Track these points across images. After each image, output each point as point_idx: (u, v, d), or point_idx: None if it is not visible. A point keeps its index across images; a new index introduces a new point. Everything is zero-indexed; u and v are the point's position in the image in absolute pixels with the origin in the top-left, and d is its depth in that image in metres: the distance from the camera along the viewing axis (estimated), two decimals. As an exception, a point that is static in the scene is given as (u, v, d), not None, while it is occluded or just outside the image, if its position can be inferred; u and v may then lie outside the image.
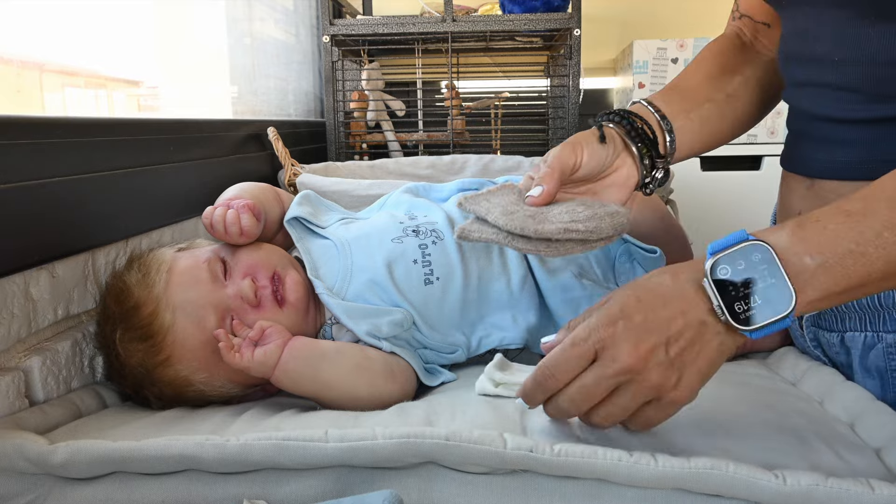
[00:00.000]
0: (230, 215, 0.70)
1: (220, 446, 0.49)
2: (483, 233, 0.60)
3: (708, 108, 0.73)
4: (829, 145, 0.64)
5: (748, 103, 0.76)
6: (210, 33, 1.34)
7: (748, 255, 0.48)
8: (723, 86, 0.75)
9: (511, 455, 0.48)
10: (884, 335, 0.62)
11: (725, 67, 0.76)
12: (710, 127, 0.74)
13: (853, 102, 0.61)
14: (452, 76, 1.54)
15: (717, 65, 0.76)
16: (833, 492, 0.45)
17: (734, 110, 0.75)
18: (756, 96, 0.77)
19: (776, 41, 0.76)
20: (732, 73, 0.76)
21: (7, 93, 0.88)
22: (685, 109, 0.72)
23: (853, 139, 0.61)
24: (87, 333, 0.69)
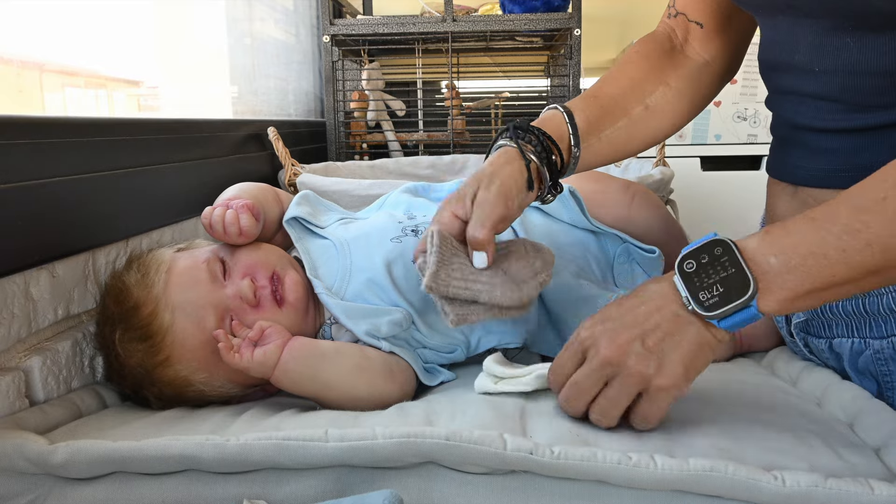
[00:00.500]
0: (229, 215, 0.70)
1: (220, 446, 0.49)
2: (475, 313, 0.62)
3: (621, 127, 0.72)
4: (812, 153, 0.64)
5: (664, 118, 0.75)
6: (210, 33, 1.34)
7: (711, 249, 0.52)
8: (643, 96, 0.73)
9: (511, 456, 0.48)
10: (871, 341, 0.62)
11: (650, 74, 0.74)
12: (614, 147, 0.73)
13: (833, 112, 0.61)
14: (452, 76, 1.54)
15: (643, 70, 0.74)
16: (832, 492, 0.45)
17: (647, 127, 0.74)
18: (675, 109, 0.75)
19: (709, 44, 0.75)
20: (656, 81, 0.74)
21: (7, 93, 0.88)
22: (599, 128, 0.70)
23: (834, 148, 0.61)
24: (88, 333, 0.69)
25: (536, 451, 0.48)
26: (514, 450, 0.48)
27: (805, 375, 0.68)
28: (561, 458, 0.48)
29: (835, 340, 0.65)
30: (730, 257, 0.51)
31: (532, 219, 0.82)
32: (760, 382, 0.69)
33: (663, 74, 0.74)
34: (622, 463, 0.47)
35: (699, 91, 0.76)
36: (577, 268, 0.77)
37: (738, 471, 0.46)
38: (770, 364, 0.75)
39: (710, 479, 0.46)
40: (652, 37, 0.78)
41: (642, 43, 0.77)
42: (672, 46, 0.76)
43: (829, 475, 0.46)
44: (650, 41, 0.77)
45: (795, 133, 0.66)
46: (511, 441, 0.48)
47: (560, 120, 0.68)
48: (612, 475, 0.47)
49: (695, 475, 0.46)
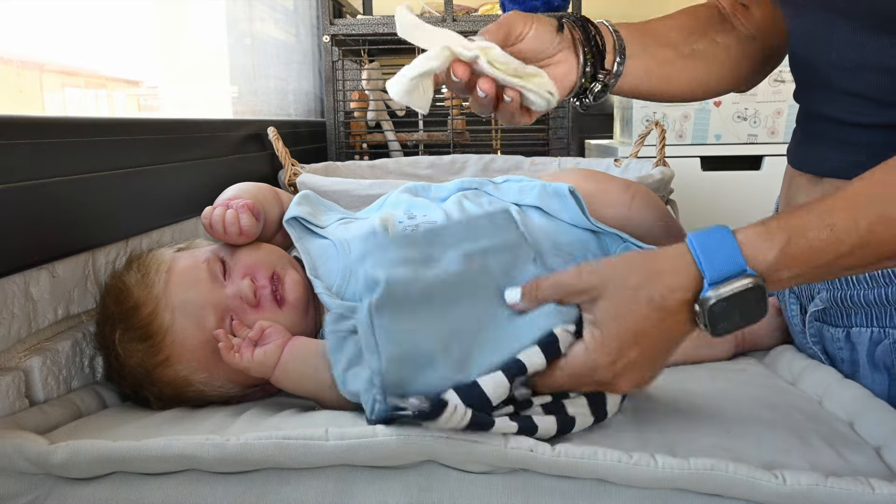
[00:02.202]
0: (229, 215, 0.70)
1: (220, 446, 0.49)
2: None
3: (667, 53, 0.71)
4: (841, 146, 0.64)
5: (710, 70, 0.74)
6: (210, 33, 1.34)
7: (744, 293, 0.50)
8: (690, 41, 0.72)
9: (511, 454, 0.48)
10: (890, 331, 0.62)
11: (696, 27, 0.73)
12: (664, 70, 0.71)
13: (866, 108, 0.61)
14: (452, 76, 1.54)
15: (689, 22, 0.74)
16: (833, 491, 0.45)
17: (695, 69, 0.73)
18: (723, 65, 0.74)
19: (754, 23, 0.74)
20: (703, 33, 0.73)
21: (7, 93, 0.88)
22: (644, 44, 0.70)
23: (865, 142, 0.62)
24: (88, 333, 0.69)
25: (537, 448, 0.48)
26: (515, 447, 0.48)
27: (806, 374, 0.68)
28: (561, 456, 0.48)
29: (853, 330, 0.65)
30: (758, 296, 0.50)
31: (532, 218, 0.81)
32: (761, 381, 0.69)
33: (711, 31, 0.74)
34: (622, 461, 0.47)
35: (747, 60, 0.75)
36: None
37: (738, 469, 0.46)
38: (771, 363, 0.75)
39: (710, 477, 0.46)
40: (702, 5, 0.77)
41: (691, 7, 0.76)
42: (720, 13, 0.75)
43: (829, 474, 0.46)
44: (698, 7, 0.76)
45: (825, 126, 0.66)
46: (512, 439, 0.48)
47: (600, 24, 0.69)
48: (612, 473, 0.47)
49: (695, 474, 0.46)
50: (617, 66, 0.68)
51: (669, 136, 1.78)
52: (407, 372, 0.51)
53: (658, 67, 0.71)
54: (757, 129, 1.95)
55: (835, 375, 0.65)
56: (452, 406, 0.47)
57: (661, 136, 1.21)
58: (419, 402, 0.47)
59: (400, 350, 0.52)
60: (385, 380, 0.50)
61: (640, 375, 0.54)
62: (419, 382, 0.51)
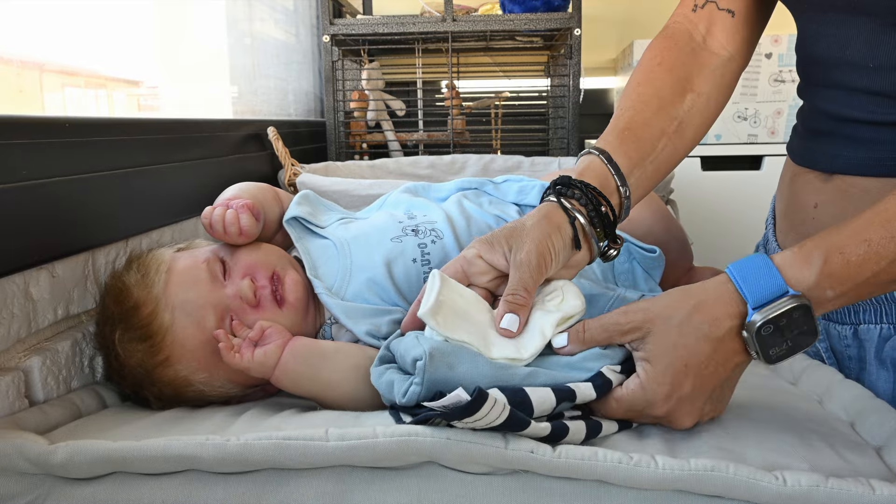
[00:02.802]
0: (229, 215, 0.70)
1: (220, 446, 0.49)
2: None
3: (661, 149, 0.69)
4: (855, 143, 0.64)
5: (698, 126, 0.72)
6: (210, 33, 1.34)
7: (791, 314, 0.51)
8: (675, 111, 0.70)
9: (511, 455, 0.48)
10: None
11: (677, 86, 0.71)
12: (660, 170, 0.70)
13: (884, 106, 0.61)
14: (452, 76, 1.54)
15: (669, 84, 0.71)
16: (833, 492, 0.45)
17: (683, 139, 0.71)
18: (705, 115, 0.73)
19: (735, 35, 0.73)
20: (684, 91, 0.71)
21: (7, 93, 0.88)
22: (641, 157, 0.67)
23: (881, 139, 0.62)
24: (87, 333, 0.69)
25: (537, 449, 0.48)
26: (515, 448, 0.48)
27: (807, 375, 0.68)
28: (562, 457, 0.48)
29: (861, 327, 0.66)
30: (805, 317, 0.51)
31: (532, 218, 0.81)
32: (762, 382, 0.69)
33: (689, 82, 0.71)
34: (623, 462, 0.47)
35: (724, 90, 0.74)
36: (578, 267, 0.77)
37: (739, 470, 0.46)
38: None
39: (711, 478, 0.46)
40: (670, 39, 0.74)
41: (661, 50, 0.73)
42: (693, 45, 0.73)
43: (830, 475, 0.46)
44: (669, 45, 0.73)
45: (837, 124, 0.66)
46: (512, 440, 0.48)
47: (599, 165, 0.65)
48: (612, 474, 0.47)
49: (696, 475, 0.46)
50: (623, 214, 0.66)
51: (669, 136, 1.77)
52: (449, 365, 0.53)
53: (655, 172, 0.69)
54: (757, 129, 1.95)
55: (835, 376, 0.65)
56: (493, 399, 0.47)
57: (662, 137, 1.20)
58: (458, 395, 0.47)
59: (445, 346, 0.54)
60: (427, 364, 0.52)
61: (700, 410, 0.54)
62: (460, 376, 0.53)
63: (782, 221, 0.77)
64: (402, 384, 0.54)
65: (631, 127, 0.68)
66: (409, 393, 0.53)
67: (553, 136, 1.64)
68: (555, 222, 0.59)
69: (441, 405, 0.47)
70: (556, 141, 1.61)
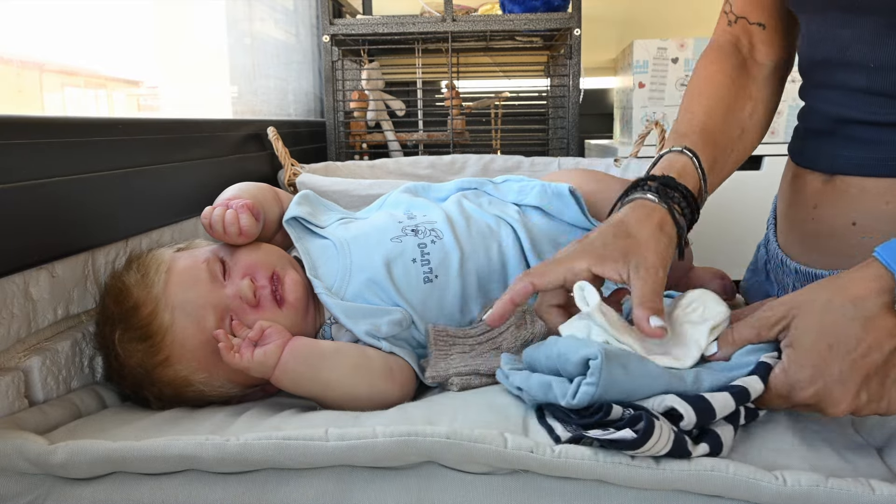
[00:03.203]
0: (229, 215, 0.70)
1: (220, 446, 0.49)
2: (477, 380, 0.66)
3: (730, 154, 0.71)
4: (855, 143, 0.65)
5: (758, 132, 0.74)
6: (210, 33, 1.34)
7: None
8: (740, 120, 0.72)
9: (511, 455, 0.48)
10: None
11: (739, 93, 0.73)
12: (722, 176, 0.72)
13: (885, 106, 0.61)
14: (452, 76, 1.54)
15: (731, 92, 0.73)
16: (833, 492, 0.45)
17: (744, 148, 0.73)
18: (762, 122, 0.75)
19: (772, 45, 0.75)
20: (745, 98, 0.73)
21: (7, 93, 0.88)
22: (716, 162, 0.69)
23: (882, 139, 0.62)
24: (87, 333, 0.69)
25: (537, 449, 0.48)
26: (515, 448, 0.48)
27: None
28: (561, 457, 0.47)
29: None
30: None
31: (533, 218, 0.82)
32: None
33: (746, 90, 0.73)
34: (623, 462, 0.47)
35: (774, 97, 0.76)
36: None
37: (739, 470, 0.46)
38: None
39: (711, 478, 0.46)
40: (719, 51, 0.76)
41: (717, 58, 0.75)
42: (742, 57, 0.75)
43: (830, 475, 0.46)
44: (721, 56, 0.75)
45: (838, 125, 0.66)
46: (511, 439, 0.48)
47: (692, 169, 0.65)
48: (612, 475, 0.47)
49: (696, 475, 0.46)
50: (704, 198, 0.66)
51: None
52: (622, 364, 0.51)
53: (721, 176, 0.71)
54: (757, 129, 1.95)
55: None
56: (659, 430, 0.46)
57: (661, 136, 1.21)
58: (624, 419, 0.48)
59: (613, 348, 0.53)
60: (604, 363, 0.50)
61: (854, 395, 0.49)
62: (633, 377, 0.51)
63: (783, 221, 0.77)
64: (566, 385, 0.52)
65: (708, 130, 0.69)
66: (581, 394, 0.50)
67: (553, 136, 1.63)
68: (668, 233, 0.59)
69: (607, 439, 0.47)
70: (555, 141, 1.61)
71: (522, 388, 0.57)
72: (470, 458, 0.48)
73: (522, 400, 0.59)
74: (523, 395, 0.57)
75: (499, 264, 0.76)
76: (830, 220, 0.68)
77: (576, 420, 0.51)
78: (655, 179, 0.62)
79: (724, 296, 0.86)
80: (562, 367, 0.54)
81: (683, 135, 0.68)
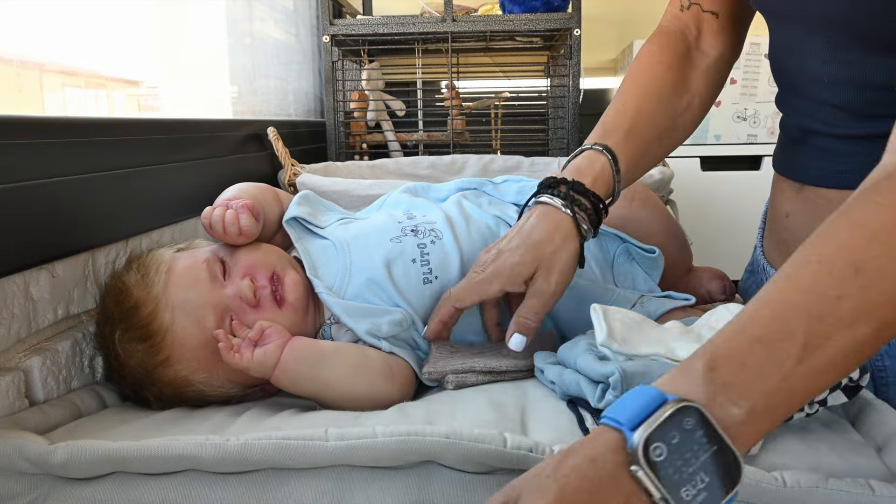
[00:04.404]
0: (229, 215, 0.70)
1: (220, 446, 0.49)
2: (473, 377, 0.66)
3: (654, 151, 0.71)
4: (821, 154, 0.65)
5: (688, 126, 0.74)
6: (210, 33, 1.34)
7: (680, 423, 0.38)
8: (673, 110, 0.72)
9: (511, 454, 0.48)
10: None
11: (677, 86, 0.72)
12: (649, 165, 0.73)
13: (843, 119, 0.61)
14: (452, 76, 1.54)
15: (669, 83, 0.72)
16: (833, 493, 0.45)
17: (673, 141, 0.73)
18: (696, 115, 0.74)
19: (721, 36, 0.74)
20: (683, 91, 0.72)
21: (7, 93, 0.88)
22: (637, 160, 0.69)
23: (843, 151, 0.62)
24: (87, 333, 0.69)
25: (536, 449, 0.48)
26: (515, 448, 0.48)
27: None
28: (561, 458, 0.47)
29: None
30: (706, 431, 0.38)
31: (532, 219, 0.81)
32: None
33: (687, 81, 0.73)
34: (622, 463, 0.47)
35: (715, 89, 0.76)
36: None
37: (738, 470, 0.46)
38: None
39: (710, 478, 0.46)
40: (666, 38, 0.75)
41: (659, 47, 0.74)
42: (688, 45, 0.74)
43: (829, 475, 0.46)
44: (666, 42, 0.74)
45: (805, 134, 0.66)
46: (511, 439, 0.48)
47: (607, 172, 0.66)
48: (612, 475, 0.47)
49: (695, 475, 0.46)
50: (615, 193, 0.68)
51: (669, 136, 1.77)
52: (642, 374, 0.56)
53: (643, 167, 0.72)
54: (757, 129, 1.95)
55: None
56: None
57: (661, 137, 1.21)
58: None
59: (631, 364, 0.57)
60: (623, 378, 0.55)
61: None
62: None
63: (767, 227, 0.78)
64: (594, 388, 0.56)
65: (636, 126, 0.70)
66: (608, 402, 0.55)
67: (553, 136, 1.63)
68: (572, 246, 0.63)
69: None
70: (555, 141, 1.61)
71: (555, 382, 0.61)
72: (470, 458, 0.48)
73: (522, 399, 0.59)
74: (555, 388, 0.61)
75: (499, 264, 0.75)
76: (800, 230, 0.68)
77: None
78: (566, 184, 0.65)
79: (723, 296, 0.87)
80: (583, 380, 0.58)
81: (609, 130, 0.69)
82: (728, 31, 0.75)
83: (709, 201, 1.98)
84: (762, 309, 0.41)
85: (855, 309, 0.39)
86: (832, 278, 0.40)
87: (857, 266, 0.40)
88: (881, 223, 0.41)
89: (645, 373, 0.56)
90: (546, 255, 0.62)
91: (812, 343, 0.39)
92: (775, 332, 0.39)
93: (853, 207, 0.43)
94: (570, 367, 0.61)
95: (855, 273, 0.40)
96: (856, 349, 0.39)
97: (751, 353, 0.39)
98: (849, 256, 0.40)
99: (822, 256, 0.41)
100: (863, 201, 0.43)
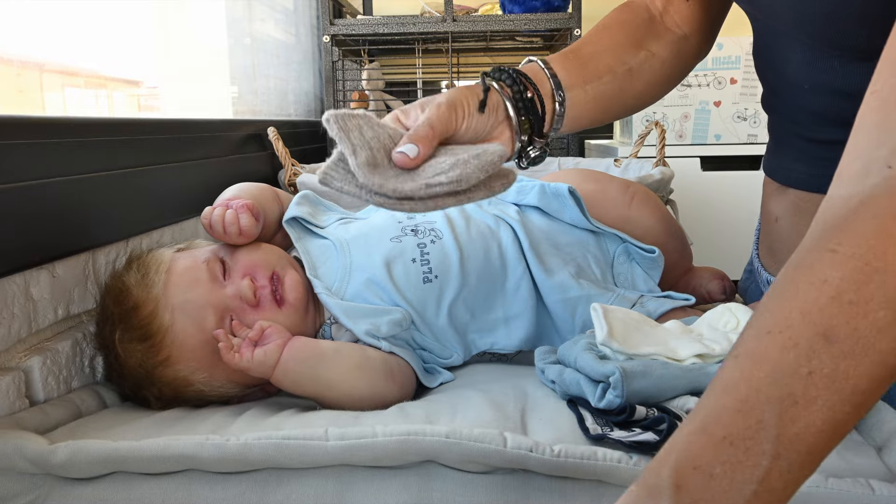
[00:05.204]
0: (229, 215, 0.70)
1: (220, 446, 0.49)
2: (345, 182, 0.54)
3: (607, 82, 0.66)
4: (803, 158, 0.65)
5: (649, 82, 0.70)
6: (210, 33, 1.34)
7: None
8: (626, 58, 0.68)
9: (511, 454, 0.48)
10: None
11: (630, 39, 0.69)
12: (604, 103, 0.67)
13: (823, 126, 0.61)
14: (452, 76, 1.54)
15: (623, 34, 0.69)
16: (833, 493, 0.45)
17: (633, 87, 0.69)
18: (659, 75, 0.71)
19: (688, 19, 0.72)
20: (637, 46, 0.69)
21: (7, 93, 0.88)
22: (583, 79, 0.65)
23: (824, 156, 0.62)
24: (88, 333, 0.69)
25: (537, 449, 0.48)
26: (515, 447, 0.48)
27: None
28: (561, 457, 0.48)
29: None
30: None
31: (532, 218, 0.82)
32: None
33: (644, 42, 0.70)
34: (623, 462, 0.47)
35: (679, 64, 0.73)
36: (577, 267, 0.77)
37: (738, 470, 0.46)
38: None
39: (710, 478, 0.46)
40: (628, 6, 0.74)
41: (620, 11, 0.73)
42: (650, 17, 0.72)
43: (829, 475, 0.46)
44: (628, 10, 0.73)
45: (789, 137, 0.66)
46: (511, 439, 0.48)
47: (537, 69, 0.63)
48: (612, 474, 0.47)
49: (695, 475, 0.46)
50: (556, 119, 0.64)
51: (669, 136, 1.78)
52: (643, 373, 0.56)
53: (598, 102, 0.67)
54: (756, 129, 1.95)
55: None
56: None
57: (661, 137, 1.21)
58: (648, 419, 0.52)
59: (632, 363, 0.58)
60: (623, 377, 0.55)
61: None
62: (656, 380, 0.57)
63: (761, 231, 0.78)
64: (595, 387, 0.57)
65: (578, 52, 0.67)
66: (607, 402, 0.55)
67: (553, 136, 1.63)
68: (473, 89, 0.58)
69: (632, 440, 0.49)
70: (555, 141, 1.61)
71: (555, 382, 0.61)
72: (470, 458, 0.48)
73: (522, 399, 0.59)
74: (556, 387, 0.62)
75: (498, 264, 0.76)
76: (787, 235, 0.68)
77: (603, 417, 0.55)
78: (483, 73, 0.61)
79: (723, 296, 0.87)
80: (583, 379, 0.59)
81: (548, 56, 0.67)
82: (698, 16, 0.72)
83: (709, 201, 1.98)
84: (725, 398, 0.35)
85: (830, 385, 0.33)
86: (800, 352, 0.34)
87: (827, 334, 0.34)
88: (843, 277, 0.35)
89: (645, 372, 0.56)
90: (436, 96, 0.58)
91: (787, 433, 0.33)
92: (744, 429, 0.34)
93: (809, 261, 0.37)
94: (571, 366, 0.61)
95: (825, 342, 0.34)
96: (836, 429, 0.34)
97: (719, 460, 0.34)
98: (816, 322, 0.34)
99: (784, 325, 0.35)
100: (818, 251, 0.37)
